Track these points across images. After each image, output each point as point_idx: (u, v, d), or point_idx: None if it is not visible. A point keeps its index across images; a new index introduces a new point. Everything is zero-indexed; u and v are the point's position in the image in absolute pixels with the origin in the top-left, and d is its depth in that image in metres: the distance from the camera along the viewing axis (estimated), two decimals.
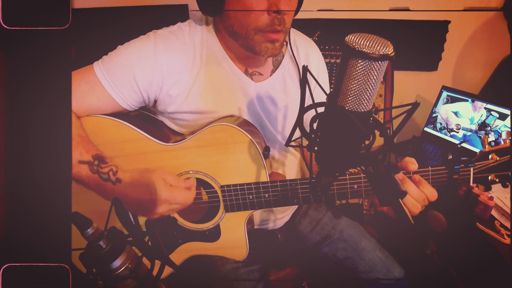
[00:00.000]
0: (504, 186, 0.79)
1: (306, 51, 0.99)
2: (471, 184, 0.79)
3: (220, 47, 0.88)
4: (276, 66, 0.95)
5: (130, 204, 0.77)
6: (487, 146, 0.80)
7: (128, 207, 0.80)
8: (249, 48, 0.82)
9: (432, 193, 0.74)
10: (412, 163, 0.75)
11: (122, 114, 0.86)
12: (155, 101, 0.88)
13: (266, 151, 0.85)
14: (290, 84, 0.96)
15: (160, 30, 0.87)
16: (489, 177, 0.78)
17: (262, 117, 0.94)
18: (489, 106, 1.49)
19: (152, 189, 0.74)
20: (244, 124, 0.87)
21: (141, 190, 0.75)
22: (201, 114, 0.88)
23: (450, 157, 0.79)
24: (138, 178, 0.76)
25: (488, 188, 0.79)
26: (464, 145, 1.57)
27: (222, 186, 0.85)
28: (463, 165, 0.78)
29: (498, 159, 0.77)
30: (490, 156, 0.78)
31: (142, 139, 0.83)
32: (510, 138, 0.80)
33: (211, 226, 0.89)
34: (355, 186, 0.82)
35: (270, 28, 0.77)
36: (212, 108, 0.88)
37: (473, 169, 0.78)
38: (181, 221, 0.89)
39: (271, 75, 0.94)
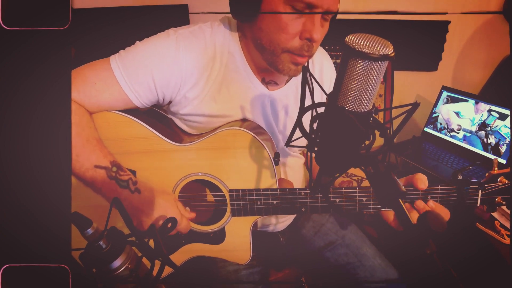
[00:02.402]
0: (510, 208, 0.80)
1: (321, 63, 0.99)
2: (478, 205, 0.80)
3: (241, 53, 0.85)
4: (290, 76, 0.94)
5: (135, 215, 0.78)
6: (496, 169, 0.81)
7: (131, 217, 0.80)
8: (272, 64, 0.80)
9: (446, 214, 0.77)
10: (422, 182, 0.76)
11: (133, 111, 0.84)
12: (170, 102, 0.87)
13: (276, 158, 0.84)
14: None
15: (180, 29, 0.84)
16: (496, 199, 0.80)
17: (273, 124, 0.93)
18: (489, 106, 1.49)
19: (165, 211, 0.79)
20: (256, 129, 0.86)
21: (154, 209, 0.78)
22: (214, 117, 0.87)
23: (460, 177, 0.80)
24: (155, 197, 0.79)
25: (493, 210, 0.81)
26: (464, 145, 1.57)
27: (230, 190, 0.84)
28: (472, 187, 0.79)
29: (507, 182, 0.78)
30: (499, 179, 0.79)
31: (153, 137, 0.82)
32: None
33: (216, 228, 0.88)
34: (364, 199, 0.82)
35: (298, 52, 0.77)
36: (225, 113, 0.87)
37: (481, 191, 0.79)
38: None
39: (285, 85, 0.93)
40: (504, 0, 1.61)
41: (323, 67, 1.00)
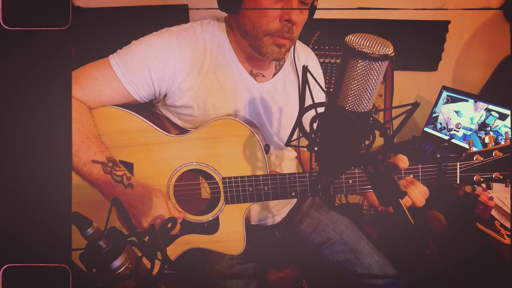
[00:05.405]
0: (488, 187, 0.83)
1: (306, 58, 1.05)
2: (457, 181, 0.85)
3: (229, 46, 0.91)
4: (277, 70, 0.99)
5: (127, 209, 0.79)
6: (472, 148, 0.85)
7: None
8: (256, 48, 0.85)
9: (425, 192, 0.80)
10: (403, 161, 0.79)
11: (131, 106, 0.88)
12: (165, 95, 0.91)
13: (267, 147, 0.88)
14: (289, 87, 1.00)
15: (172, 27, 0.90)
16: (475, 178, 0.84)
17: (262, 117, 0.97)
18: (489, 106, 1.49)
19: (155, 207, 0.82)
20: (246, 122, 0.89)
21: (145, 204, 0.81)
22: (207, 110, 0.91)
23: (438, 155, 0.84)
24: (147, 193, 0.82)
25: (473, 188, 0.85)
26: (464, 144, 1.57)
27: (223, 178, 0.87)
28: (450, 162, 0.84)
29: (482, 159, 0.82)
30: (474, 157, 0.83)
31: (150, 130, 0.86)
32: (493, 141, 0.83)
33: (211, 218, 0.90)
34: (350, 181, 0.85)
35: (279, 34, 0.82)
36: (217, 104, 0.91)
37: (460, 167, 0.84)
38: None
39: (272, 77, 0.97)
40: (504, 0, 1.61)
41: (308, 63, 1.04)
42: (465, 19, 1.67)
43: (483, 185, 0.84)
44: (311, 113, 0.54)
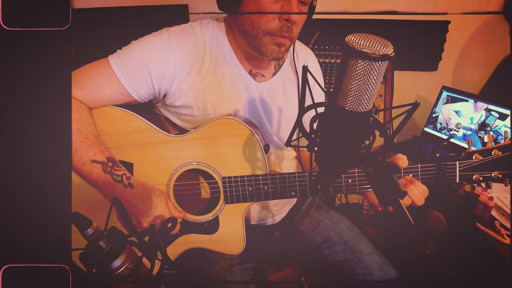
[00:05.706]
0: (487, 186, 0.84)
1: (306, 58, 1.05)
2: (457, 180, 0.85)
3: (229, 46, 0.91)
4: (277, 70, 0.99)
5: (127, 209, 0.79)
6: (471, 148, 0.86)
7: None
8: (256, 48, 0.85)
9: (425, 191, 0.80)
10: (402, 160, 0.79)
11: (131, 106, 0.88)
12: (165, 95, 0.91)
13: (266, 146, 0.88)
14: (288, 87, 1.00)
15: (172, 27, 0.90)
16: (474, 176, 0.84)
17: (262, 116, 0.97)
18: (489, 106, 1.49)
19: (154, 207, 0.82)
20: (246, 122, 0.89)
21: (145, 204, 0.81)
22: (206, 109, 0.91)
23: (438, 154, 0.85)
24: (146, 192, 0.82)
25: (473, 188, 0.85)
26: (464, 144, 1.57)
27: (223, 178, 0.87)
28: (449, 161, 0.84)
29: (481, 158, 0.83)
30: (474, 156, 0.84)
31: (150, 130, 0.87)
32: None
33: (211, 217, 0.90)
34: (350, 181, 0.86)
35: (278, 33, 0.82)
36: (217, 104, 0.91)
37: (459, 166, 0.84)
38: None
39: (272, 77, 0.97)
40: (504, 0, 1.61)
41: (307, 62, 1.05)
42: (465, 19, 1.67)
43: (483, 184, 0.84)
44: (311, 113, 0.54)
